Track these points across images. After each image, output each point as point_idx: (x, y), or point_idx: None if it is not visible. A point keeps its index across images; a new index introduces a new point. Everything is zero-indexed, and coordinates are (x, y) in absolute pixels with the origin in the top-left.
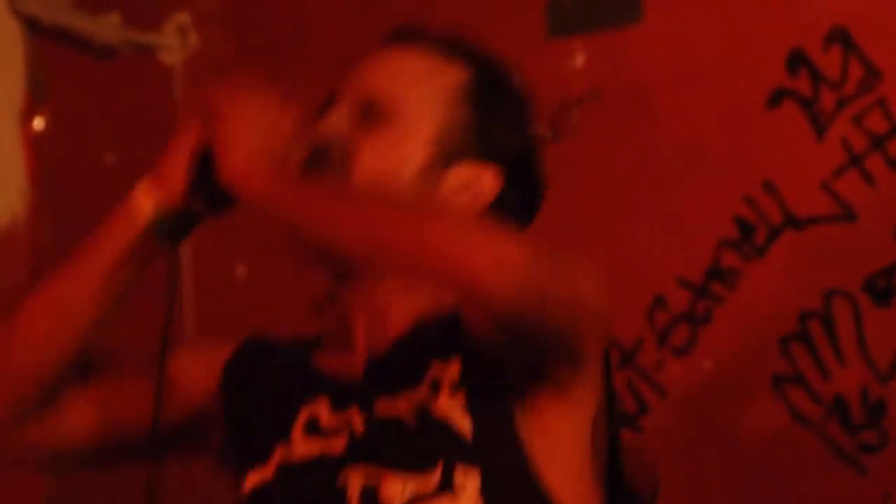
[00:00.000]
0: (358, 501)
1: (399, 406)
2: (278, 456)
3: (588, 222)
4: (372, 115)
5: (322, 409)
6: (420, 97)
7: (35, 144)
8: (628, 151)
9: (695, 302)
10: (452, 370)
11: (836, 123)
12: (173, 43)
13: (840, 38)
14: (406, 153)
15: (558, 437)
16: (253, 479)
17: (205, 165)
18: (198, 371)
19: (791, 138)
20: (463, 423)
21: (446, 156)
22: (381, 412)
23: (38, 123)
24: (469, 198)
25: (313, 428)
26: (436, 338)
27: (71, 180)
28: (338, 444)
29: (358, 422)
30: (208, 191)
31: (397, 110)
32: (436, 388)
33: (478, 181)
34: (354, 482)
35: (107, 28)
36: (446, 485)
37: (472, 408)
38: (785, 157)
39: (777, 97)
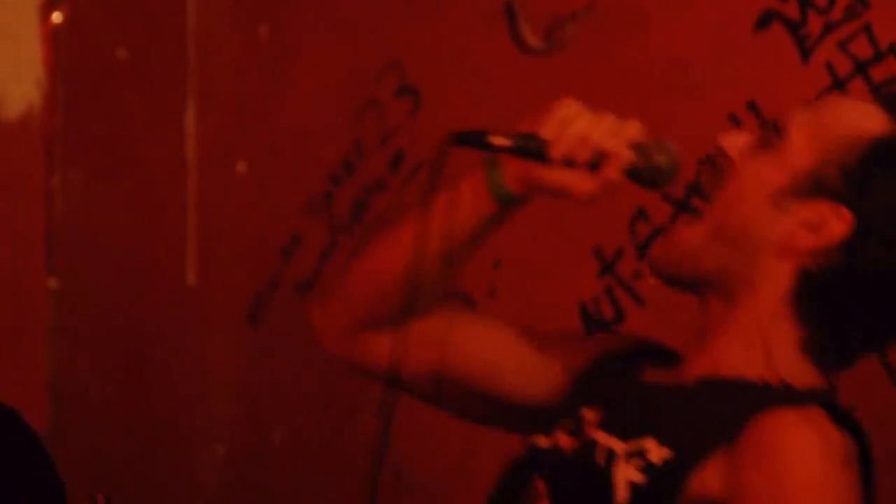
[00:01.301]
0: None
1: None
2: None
3: None
4: (766, 140)
5: (590, 416)
6: (815, 130)
7: (53, 38)
8: (615, 66)
9: (676, 215)
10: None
11: (821, 47)
12: None
13: None
14: (769, 177)
15: None
16: (537, 442)
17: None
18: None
19: (777, 60)
20: None
21: (806, 190)
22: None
23: (57, 17)
24: (813, 237)
25: (576, 431)
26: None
27: (85, 73)
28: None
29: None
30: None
31: (787, 136)
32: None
33: (827, 224)
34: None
35: None
36: None
37: None
38: (770, 79)
39: (766, 19)
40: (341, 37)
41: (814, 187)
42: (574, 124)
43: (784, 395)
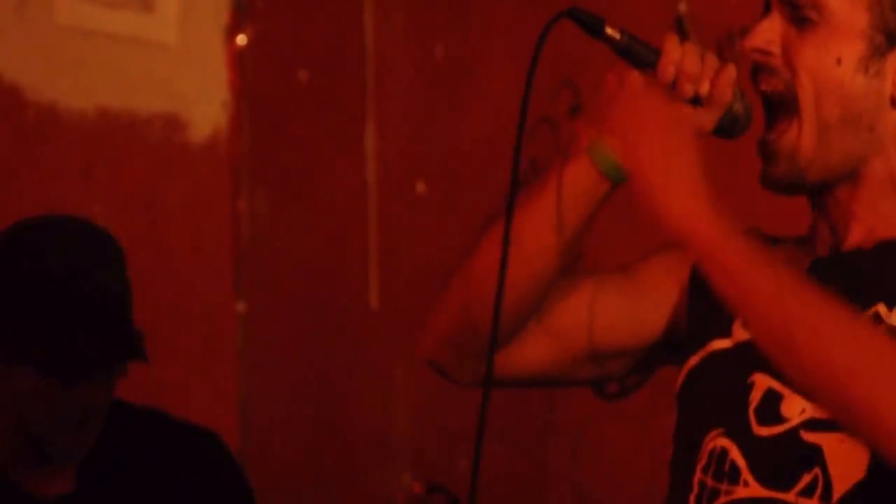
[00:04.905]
0: (759, 402)
1: None
2: (711, 346)
3: None
4: (802, 19)
5: None
6: None
7: (238, 60)
8: None
9: None
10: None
11: None
12: None
13: None
14: (839, 52)
15: None
16: (716, 347)
17: None
18: (668, 284)
19: None
20: None
21: (884, 41)
22: None
23: (241, 40)
24: None
25: None
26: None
27: (268, 95)
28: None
29: None
30: None
31: (824, 7)
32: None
33: None
34: (761, 382)
35: None
36: None
37: None
38: None
39: None
40: (515, 55)
41: (889, 37)
42: (684, 56)
43: None
